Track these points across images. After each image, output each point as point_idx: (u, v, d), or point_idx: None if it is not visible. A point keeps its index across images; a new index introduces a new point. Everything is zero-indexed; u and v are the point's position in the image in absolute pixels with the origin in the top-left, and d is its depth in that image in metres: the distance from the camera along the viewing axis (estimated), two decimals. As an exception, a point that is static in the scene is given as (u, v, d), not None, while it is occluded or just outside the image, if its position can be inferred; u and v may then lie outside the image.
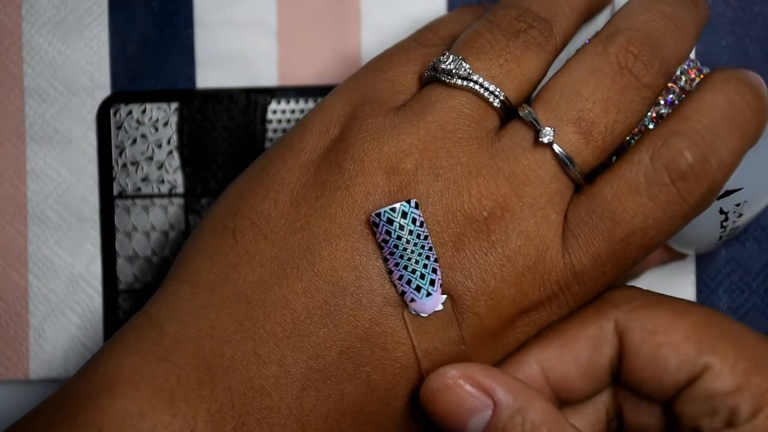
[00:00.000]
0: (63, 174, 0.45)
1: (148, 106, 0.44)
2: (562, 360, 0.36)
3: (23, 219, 0.45)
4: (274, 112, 0.44)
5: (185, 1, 0.44)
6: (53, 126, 0.44)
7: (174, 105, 0.44)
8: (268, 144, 0.44)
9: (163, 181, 0.44)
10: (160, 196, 0.44)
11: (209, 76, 0.45)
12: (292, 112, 0.44)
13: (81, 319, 0.45)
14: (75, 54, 0.45)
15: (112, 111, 0.45)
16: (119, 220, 0.44)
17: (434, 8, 0.44)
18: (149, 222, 0.44)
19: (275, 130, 0.44)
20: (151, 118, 0.44)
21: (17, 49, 0.45)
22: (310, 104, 0.44)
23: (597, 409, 0.38)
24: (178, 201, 0.44)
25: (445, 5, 0.44)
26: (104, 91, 0.45)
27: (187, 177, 0.44)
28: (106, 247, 0.45)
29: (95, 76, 0.45)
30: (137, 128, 0.45)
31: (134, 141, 0.44)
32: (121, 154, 0.44)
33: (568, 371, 0.36)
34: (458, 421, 0.34)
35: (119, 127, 0.45)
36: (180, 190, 0.44)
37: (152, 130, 0.44)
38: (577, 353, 0.36)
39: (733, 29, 0.44)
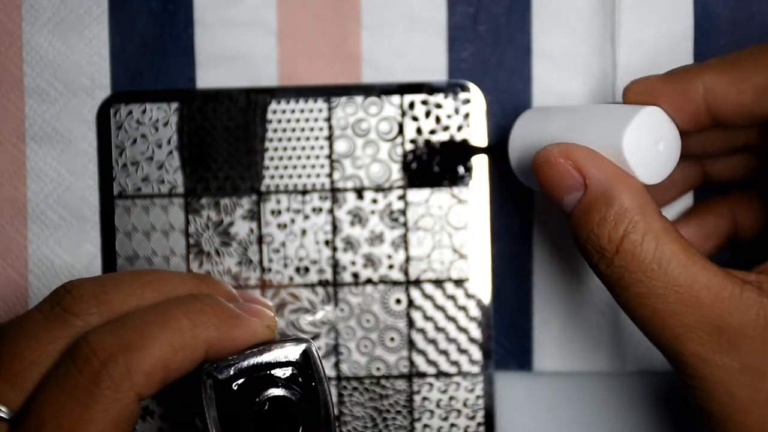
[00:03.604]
0: (63, 174, 0.45)
1: (148, 106, 0.44)
2: (730, 85, 0.37)
3: (23, 219, 0.45)
4: (274, 112, 0.44)
5: (185, 1, 0.44)
6: (53, 126, 0.44)
7: (174, 105, 0.44)
8: (268, 144, 0.44)
9: (163, 181, 0.44)
10: (160, 196, 0.44)
11: (209, 76, 0.45)
12: (292, 112, 0.44)
13: (81, 320, 0.45)
14: (75, 54, 0.45)
15: (112, 111, 0.45)
16: (119, 220, 0.44)
17: (434, 8, 0.44)
18: (149, 222, 0.44)
19: (275, 130, 0.44)
20: (151, 118, 0.44)
21: (17, 49, 0.44)
22: (310, 104, 0.44)
23: (718, 221, 0.41)
24: (178, 201, 0.44)
25: (446, 5, 0.44)
26: (104, 91, 0.45)
27: (187, 177, 0.44)
28: (106, 247, 0.45)
29: (95, 76, 0.45)
30: (137, 128, 0.45)
31: (134, 141, 0.44)
32: (121, 154, 0.44)
33: (729, 97, 0.37)
34: (557, 196, 0.37)
35: (119, 127, 0.45)
36: (180, 190, 0.44)
37: (152, 130, 0.44)
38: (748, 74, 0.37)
39: (731, 29, 0.44)
